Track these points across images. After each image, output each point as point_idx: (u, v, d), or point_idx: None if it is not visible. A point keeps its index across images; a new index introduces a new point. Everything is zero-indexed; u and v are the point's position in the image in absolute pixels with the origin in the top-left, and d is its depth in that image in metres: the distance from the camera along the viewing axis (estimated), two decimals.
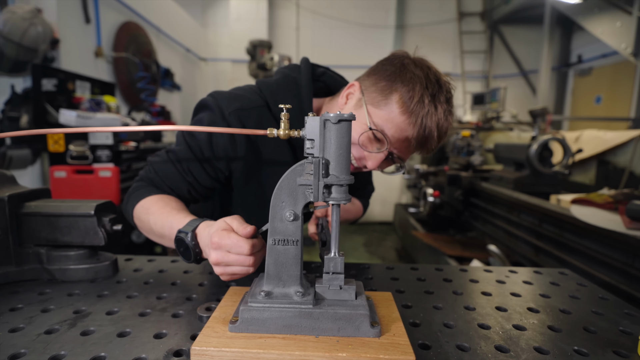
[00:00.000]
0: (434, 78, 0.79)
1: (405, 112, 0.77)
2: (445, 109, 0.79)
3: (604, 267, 1.85)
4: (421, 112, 0.76)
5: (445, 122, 0.79)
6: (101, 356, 0.53)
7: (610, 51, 5.09)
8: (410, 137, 0.79)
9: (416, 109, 0.76)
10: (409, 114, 0.77)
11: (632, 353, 0.58)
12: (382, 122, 0.79)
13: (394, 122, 0.78)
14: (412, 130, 0.78)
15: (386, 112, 0.79)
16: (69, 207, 0.80)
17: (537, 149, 2.67)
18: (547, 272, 0.96)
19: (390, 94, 0.79)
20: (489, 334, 0.62)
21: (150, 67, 3.79)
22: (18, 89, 2.41)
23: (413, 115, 0.77)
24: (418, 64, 0.81)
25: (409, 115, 0.77)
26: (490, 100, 4.46)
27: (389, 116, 0.78)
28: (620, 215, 1.84)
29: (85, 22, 2.93)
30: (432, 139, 0.79)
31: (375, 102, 0.80)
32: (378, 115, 0.80)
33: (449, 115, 0.79)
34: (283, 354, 0.50)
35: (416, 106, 0.76)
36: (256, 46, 4.29)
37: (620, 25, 4.13)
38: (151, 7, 4.08)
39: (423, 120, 0.77)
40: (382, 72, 0.82)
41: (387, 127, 0.79)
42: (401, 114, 0.77)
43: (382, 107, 0.79)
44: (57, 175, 2.17)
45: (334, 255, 0.58)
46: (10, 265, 0.79)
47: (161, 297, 0.73)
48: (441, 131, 0.79)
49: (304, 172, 0.56)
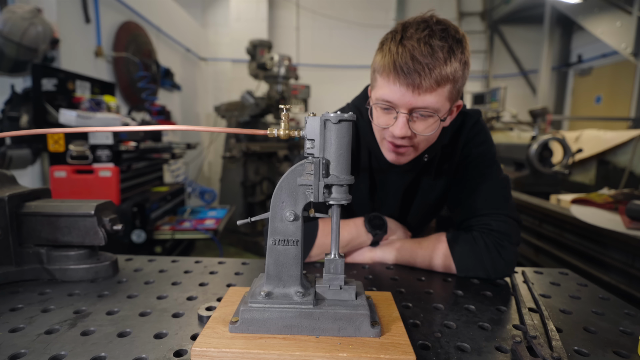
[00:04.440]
0: (412, 25, 0.80)
1: (379, 64, 0.82)
2: (419, 37, 0.77)
3: (604, 267, 1.85)
4: (390, 47, 0.80)
5: (422, 47, 0.76)
6: (101, 356, 0.53)
7: (610, 51, 5.10)
8: (392, 79, 0.79)
9: (385, 49, 0.81)
10: (381, 54, 0.82)
11: (632, 353, 0.57)
12: (375, 94, 0.86)
13: (377, 84, 0.84)
14: (389, 73, 0.79)
15: (374, 85, 0.87)
16: (69, 207, 0.80)
17: (537, 149, 2.67)
18: (548, 272, 0.96)
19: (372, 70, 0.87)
20: (489, 334, 0.62)
21: (150, 67, 3.79)
22: (18, 89, 2.40)
23: (385, 57, 0.80)
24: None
25: (382, 58, 0.81)
26: (490, 100, 4.46)
27: (373, 85, 0.87)
28: (620, 215, 1.84)
29: (85, 22, 2.93)
30: (413, 64, 0.76)
31: (373, 85, 0.88)
32: (373, 93, 0.87)
33: (428, 39, 0.76)
34: (283, 354, 0.50)
35: (385, 48, 0.81)
36: (256, 46, 4.29)
37: (620, 25, 4.13)
38: (151, 7, 4.08)
39: (393, 54, 0.78)
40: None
41: (376, 94, 0.85)
42: (377, 72, 0.83)
43: (373, 85, 0.88)
44: (57, 175, 2.17)
45: (334, 257, 0.58)
46: (10, 265, 0.79)
47: (161, 297, 0.73)
48: (419, 54, 0.76)
49: (304, 172, 0.56)
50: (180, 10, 4.99)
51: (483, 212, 0.94)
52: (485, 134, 1.02)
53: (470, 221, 0.96)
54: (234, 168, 4.16)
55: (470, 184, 0.98)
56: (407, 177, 1.05)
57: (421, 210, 1.11)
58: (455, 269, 0.90)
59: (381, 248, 0.99)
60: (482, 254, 0.88)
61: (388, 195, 1.09)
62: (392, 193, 1.09)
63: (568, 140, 2.89)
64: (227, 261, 0.96)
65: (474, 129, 1.01)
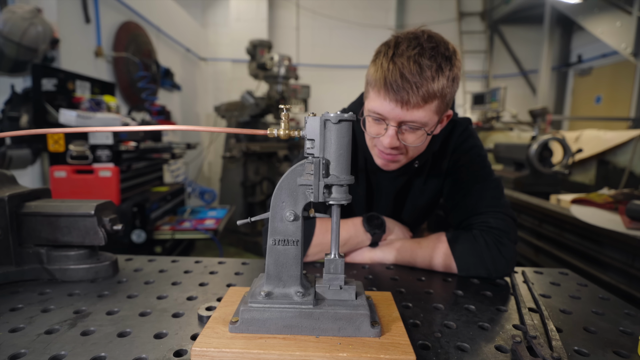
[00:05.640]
0: (404, 41, 0.83)
1: (372, 77, 0.86)
2: (409, 55, 0.80)
3: (603, 267, 1.85)
4: (382, 62, 0.83)
5: (411, 65, 0.79)
6: (101, 356, 0.53)
7: (610, 51, 5.10)
8: (382, 94, 0.83)
9: (377, 62, 0.85)
10: (374, 68, 0.85)
11: (632, 353, 0.58)
12: (367, 105, 0.89)
13: (369, 96, 0.88)
14: (380, 88, 0.83)
15: (367, 96, 0.90)
16: (69, 207, 0.80)
17: (537, 149, 2.67)
18: (548, 272, 0.96)
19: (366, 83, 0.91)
20: (489, 334, 0.62)
21: (150, 67, 3.79)
22: (18, 89, 2.40)
23: (377, 72, 0.83)
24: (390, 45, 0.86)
25: (374, 72, 0.85)
26: (490, 100, 4.46)
27: (366, 95, 0.91)
28: (620, 215, 1.84)
29: (85, 22, 2.93)
30: (402, 82, 0.79)
31: (366, 95, 0.92)
32: (366, 103, 0.91)
33: (418, 57, 0.80)
34: (283, 354, 0.50)
35: (378, 62, 0.85)
36: (256, 46, 4.29)
37: (620, 25, 4.13)
38: (151, 7, 4.08)
39: (384, 70, 0.82)
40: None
41: (368, 105, 0.89)
42: (370, 85, 0.87)
43: (366, 95, 0.91)
44: (57, 175, 2.17)
45: (334, 256, 0.58)
46: (10, 265, 0.79)
47: (161, 297, 0.73)
48: (408, 72, 0.79)
49: (304, 172, 0.56)
50: (180, 10, 4.98)
51: (480, 210, 0.96)
52: (474, 139, 1.06)
53: (469, 220, 0.97)
54: (234, 168, 4.16)
55: (465, 185, 1.01)
56: (399, 181, 1.09)
57: (412, 212, 1.15)
58: (455, 268, 0.90)
59: (381, 248, 0.99)
60: (482, 252, 0.89)
61: (381, 198, 1.13)
62: (384, 196, 1.12)
63: (568, 140, 2.89)
64: (227, 261, 0.96)
65: (462, 135, 1.05)
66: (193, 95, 5.67)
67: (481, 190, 0.98)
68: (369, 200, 1.14)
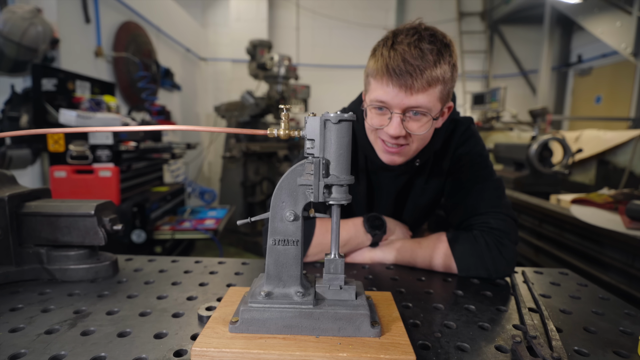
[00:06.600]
0: (402, 32, 0.84)
1: (372, 68, 0.86)
2: (409, 42, 0.81)
3: (603, 267, 1.85)
4: (382, 52, 0.84)
5: (412, 50, 0.80)
6: (101, 356, 0.53)
7: (610, 51, 5.10)
8: (385, 81, 0.83)
9: (377, 54, 0.85)
10: (374, 59, 0.85)
11: (632, 353, 0.58)
12: (369, 97, 0.89)
13: (371, 87, 0.88)
14: (382, 76, 0.83)
15: (368, 89, 0.91)
16: (69, 207, 0.80)
17: (537, 149, 2.67)
18: (548, 272, 0.96)
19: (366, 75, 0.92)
20: (489, 334, 0.62)
21: (150, 67, 3.79)
22: (18, 89, 2.40)
23: (378, 62, 0.84)
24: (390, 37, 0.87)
25: (374, 63, 0.85)
26: (490, 100, 4.46)
27: (367, 89, 0.91)
28: (620, 215, 1.84)
29: (85, 22, 2.93)
30: (405, 66, 0.80)
31: (366, 89, 0.92)
32: (367, 96, 0.91)
33: (418, 43, 0.80)
34: (284, 354, 0.50)
35: (378, 54, 0.85)
36: (256, 46, 4.29)
37: (620, 25, 4.13)
38: (151, 7, 4.08)
39: (385, 57, 0.82)
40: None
41: (370, 97, 0.88)
42: (371, 76, 0.87)
43: (366, 89, 0.92)
44: (57, 175, 2.17)
45: (334, 257, 0.58)
46: (10, 265, 0.79)
47: (161, 297, 0.73)
48: (410, 57, 0.80)
49: (304, 172, 0.56)
50: (180, 10, 4.98)
51: (481, 211, 0.95)
52: (476, 139, 1.05)
53: (469, 220, 0.97)
54: (234, 168, 4.16)
55: (466, 186, 1.00)
56: (400, 181, 1.08)
57: (414, 212, 1.14)
58: (456, 269, 0.90)
59: (381, 248, 0.99)
60: (483, 253, 0.89)
61: (382, 198, 1.12)
62: (385, 195, 1.12)
63: (568, 140, 2.89)
64: (227, 261, 0.96)
65: (464, 135, 1.04)
66: (193, 95, 5.67)
67: (482, 190, 0.98)
68: (369, 200, 1.13)
